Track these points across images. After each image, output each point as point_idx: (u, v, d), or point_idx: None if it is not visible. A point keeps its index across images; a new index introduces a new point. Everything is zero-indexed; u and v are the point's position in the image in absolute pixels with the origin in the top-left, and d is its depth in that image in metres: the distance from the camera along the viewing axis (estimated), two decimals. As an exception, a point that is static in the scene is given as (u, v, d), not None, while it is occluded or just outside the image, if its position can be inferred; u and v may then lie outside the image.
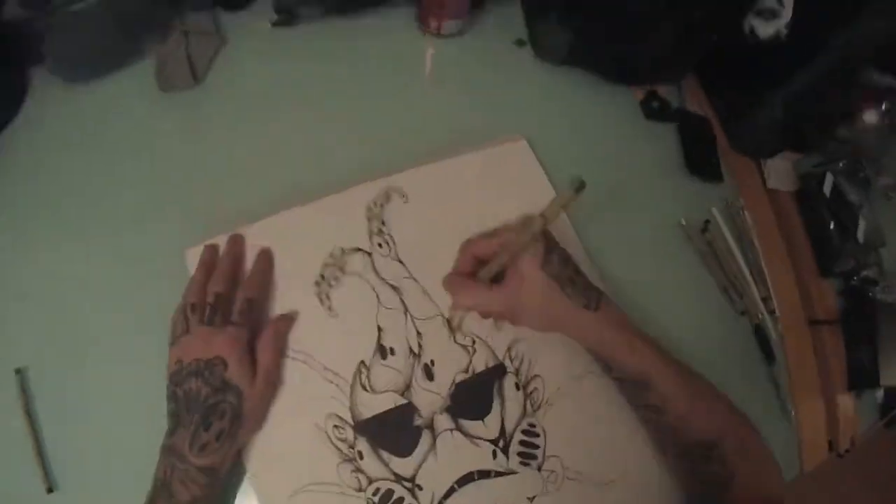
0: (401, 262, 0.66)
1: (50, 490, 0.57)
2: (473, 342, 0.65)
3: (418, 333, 0.64)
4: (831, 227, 0.81)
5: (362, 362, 0.62)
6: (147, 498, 0.52)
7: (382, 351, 0.63)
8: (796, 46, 0.74)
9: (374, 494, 0.58)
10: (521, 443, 0.62)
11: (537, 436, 0.62)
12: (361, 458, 0.59)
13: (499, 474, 0.60)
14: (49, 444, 0.59)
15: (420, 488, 0.59)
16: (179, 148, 0.74)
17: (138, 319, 0.62)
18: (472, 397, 0.62)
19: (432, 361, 0.63)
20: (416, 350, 0.63)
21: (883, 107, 0.81)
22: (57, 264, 0.66)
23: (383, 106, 0.79)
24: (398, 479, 0.59)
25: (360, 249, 0.66)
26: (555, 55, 0.83)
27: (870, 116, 0.81)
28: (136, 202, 0.70)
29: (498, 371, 0.64)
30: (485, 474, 0.60)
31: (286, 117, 0.76)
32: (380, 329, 0.63)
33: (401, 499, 0.59)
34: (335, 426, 0.60)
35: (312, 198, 0.68)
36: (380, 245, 0.67)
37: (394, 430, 0.61)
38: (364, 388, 0.61)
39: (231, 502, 0.58)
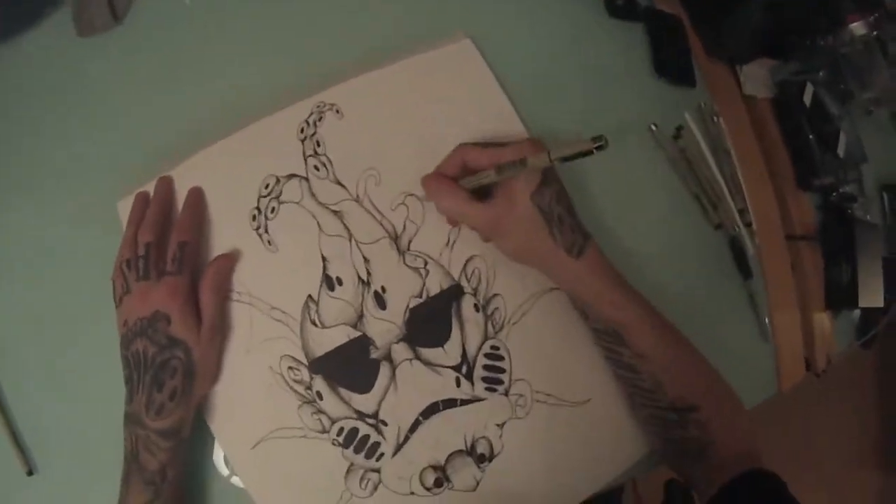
0: (340, 184, 0.61)
1: (30, 472, 0.57)
2: (425, 263, 0.61)
3: (365, 259, 0.60)
4: (811, 138, 0.77)
5: (309, 296, 0.59)
6: (123, 472, 0.51)
7: (329, 282, 0.59)
8: None
9: (339, 434, 0.57)
10: (486, 367, 0.59)
11: (501, 359, 0.59)
12: (321, 398, 0.57)
13: (464, 402, 0.58)
14: (25, 427, 0.58)
15: (385, 423, 0.57)
16: (104, 94, 0.68)
17: (89, 286, 0.59)
18: (428, 323, 0.59)
19: (383, 288, 0.60)
20: (364, 277, 0.60)
21: (871, 18, 0.76)
22: (18, 233, 0.63)
23: (308, 16, 0.71)
24: (361, 416, 0.57)
25: (295, 175, 0.61)
26: None
27: (857, 27, 0.76)
28: (67, 158, 0.66)
29: (454, 292, 0.60)
30: (450, 403, 0.58)
31: (210, 47, 0.70)
32: (324, 259, 0.59)
33: (366, 436, 0.57)
34: (290, 367, 0.57)
35: (241, 127, 0.63)
36: (316, 168, 0.62)
37: (350, 366, 0.58)
38: (314, 323, 0.58)
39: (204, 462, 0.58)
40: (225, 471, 0.58)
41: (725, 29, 0.78)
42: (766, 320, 0.71)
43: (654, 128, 0.72)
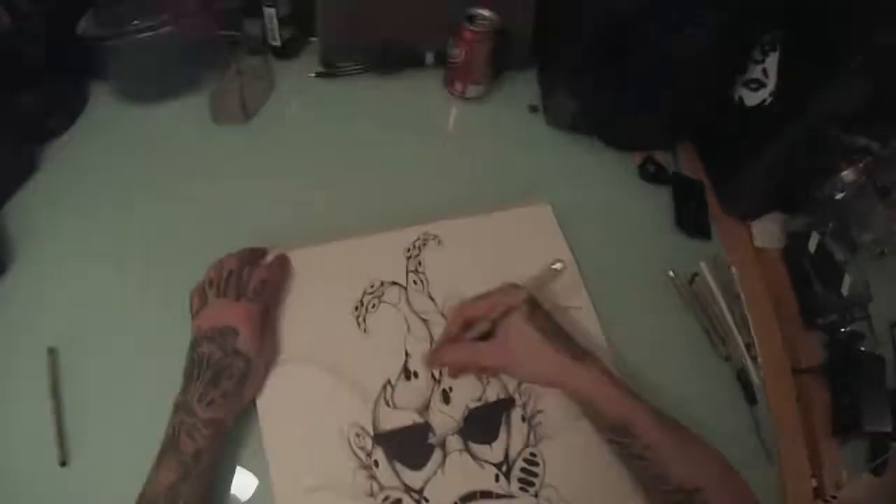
0: (432, 298, 0.75)
1: (63, 464, 0.62)
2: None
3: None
4: (814, 281, 0.85)
5: (388, 381, 0.69)
6: (158, 454, 0.57)
7: (407, 373, 0.70)
8: (780, 113, 0.80)
9: (385, 501, 0.63)
10: (522, 469, 0.66)
11: (537, 465, 0.67)
12: (377, 466, 0.64)
13: (499, 496, 0.65)
14: (68, 421, 0.65)
15: (426, 500, 0.63)
16: (226, 175, 0.83)
17: (164, 319, 0.68)
18: (482, 423, 0.68)
19: (450, 388, 0.69)
20: (437, 376, 0.70)
21: (861, 165, 0.84)
22: (92, 271, 0.74)
23: (413, 158, 0.89)
24: (407, 489, 0.64)
25: (397, 283, 0.75)
26: (563, 122, 0.94)
27: (848, 175, 0.84)
28: (178, 220, 0.79)
29: (507, 403, 0.69)
30: (487, 494, 0.65)
31: (324, 160, 0.86)
32: (407, 354, 0.71)
33: None
34: (357, 434, 0.66)
35: (352, 234, 0.77)
36: (415, 282, 0.75)
37: (409, 445, 0.66)
38: (387, 403, 0.67)
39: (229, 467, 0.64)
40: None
41: (736, 188, 0.89)
42: (772, 447, 0.74)
43: (671, 274, 0.83)
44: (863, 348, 0.81)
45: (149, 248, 0.76)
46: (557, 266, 0.62)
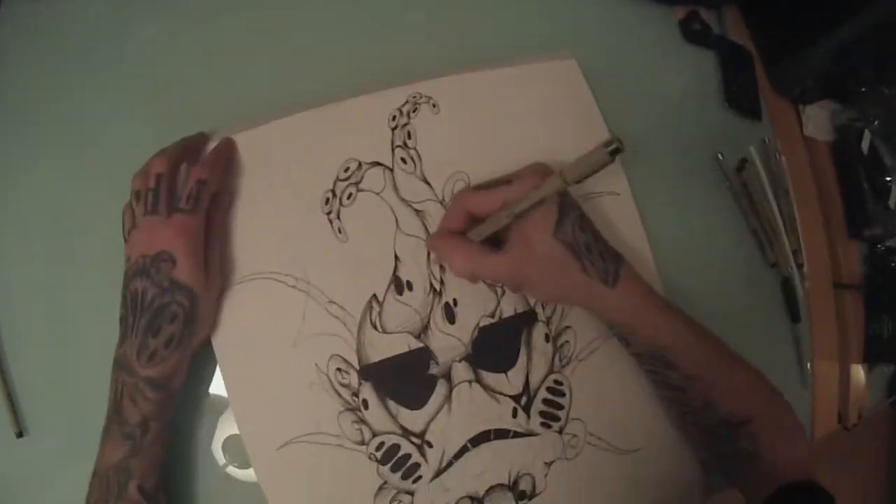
0: (426, 181, 0.57)
1: (20, 434, 0.54)
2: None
3: (441, 267, 0.56)
4: (865, 187, 0.78)
5: (374, 296, 0.54)
6: (103, 427, 0.48)
7: (398, 284, 0.55)
8: None
9: (378, 449, 0.53)
10: (545, 401, 0.56)
11: (563, 395, 0.56)
12: (366, 407, 0.53)
13: (517, 435, 0.55)
14: (18, 388, 0.55)
15: (429, 445, 0.53)
16: (161, 47, 0.63)
17: (115, 248, 0.53)
18: (496, 346, 0.56)
19: (455, 301, 0.55)
20: (436, 286, 0.55)
21: None
22: (27, 190, 0.59)
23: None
24: (406, 433, 0.53)
25: (379, 164, 0.57)
26: None
27: None
28: (115, 114, 0.60)
29: (528, 317, 0.57)
30: (502, 434, 0.55)
31: (280, 12, 0.65)
32: (397, 258, 0.55)
33: (407, 455, 0.53)
34: (338, 369, 0.53)
35: (323, 103, 0.58)
36: (403, 160, 0.57)
37: (405, 378, 0.54)
38: (374, 326, 0.54)
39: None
40: (222, 459, 0.54)
41: (793, 67, 0.78)
42: (808, 369, 0.71)
43: (720, 157, 0.71)
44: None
45: (72, 159, 0.59)
46: (612, 148, 0.42)
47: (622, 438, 0.58)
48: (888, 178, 0.78)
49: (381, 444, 0.52)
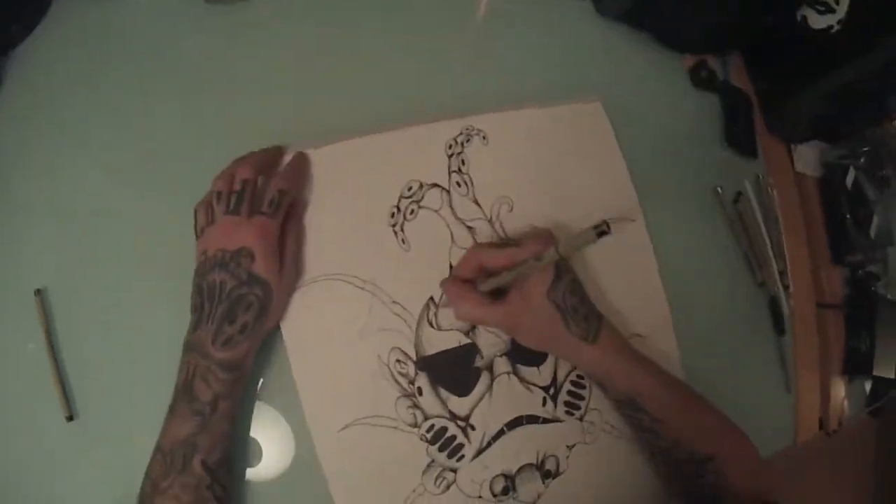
0: (477, 203, 0.65)
1: (70, 418, 0.55)
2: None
3: (488, 276, 0.64)
4: (848, 218, 0.85)
5: (431, 298, 0.62)
6: (171, 402, 0.51)
7: (452, 289, 0.63)
8: (844, 43, 0.77)
9: (429, 431, 0.59)
10: (569, 392, 0.64)
11: (583, 388, 0.64)
12: (420, 394, 0.60)
13: (545, 420, 0.62)
14: (69, 371, 0.57)
15: (473, 428, 0.60)
16: (226, 65, 0.67)
17: (164, 242, 0.59)
18: None
19: None
20: (484, 293, 0.63)
21: None
22: (80, 183, 0.61)
23: (446, 43, 0.74)
24: (453, 417, 0.60)
25: (438, 185, 0.65)
26: (617, 9, 0.81)
27: None
28: (172, 125, 0.64)
29: None
30: (533, 419, 0.62)
31: (345, 41, 0.70)
32: (451, 267, 0.63)
33: (453, 437, 0.60)
34: (398, 360, 0.60)
35: (383, 129, 0.65)
36: (458, 184, 0.65)
37: (455, 369, 0.61)
38: (430, 324, 0.61)
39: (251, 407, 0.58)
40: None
41: (787, 110, 0.84)
42: (792, 377, 0.77)
43: (719, 190, 0.79)
44: (876, 289, 0.84)
45: (141, 162, 0.62)
46: (599, 230, 0.49)
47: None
48: (872, 210, 0.84)
49: (432, 426, 0.59)
